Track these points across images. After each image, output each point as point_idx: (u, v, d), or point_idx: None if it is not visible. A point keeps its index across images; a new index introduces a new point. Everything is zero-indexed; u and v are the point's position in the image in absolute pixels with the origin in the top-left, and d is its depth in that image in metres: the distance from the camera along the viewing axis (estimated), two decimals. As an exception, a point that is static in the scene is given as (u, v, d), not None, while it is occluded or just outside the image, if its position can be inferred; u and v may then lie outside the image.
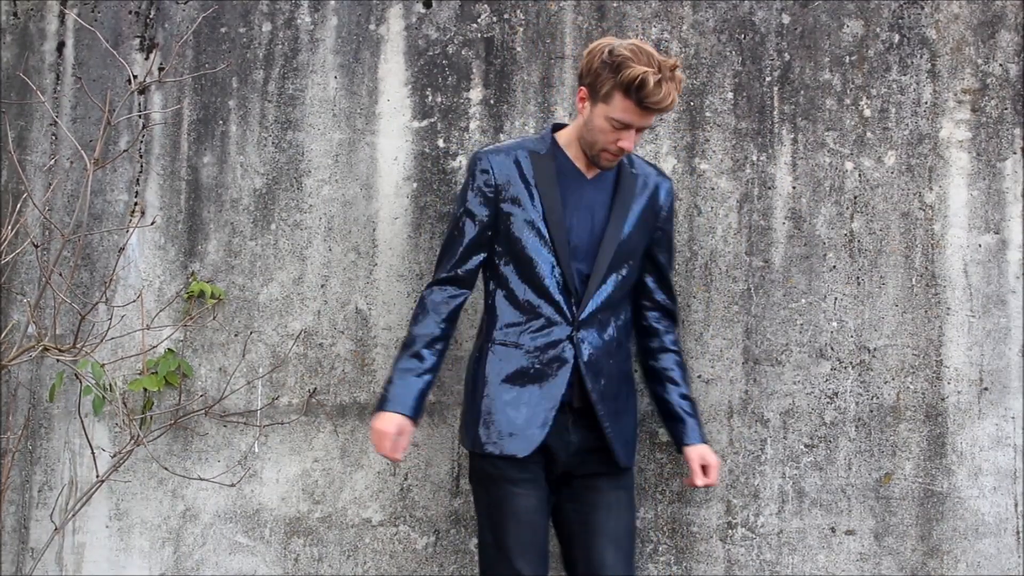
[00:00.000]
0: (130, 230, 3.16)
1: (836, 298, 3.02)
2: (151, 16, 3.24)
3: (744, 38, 3.09)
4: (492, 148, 2.73)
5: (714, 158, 3.07)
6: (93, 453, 3.08)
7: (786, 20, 3.09)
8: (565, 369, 2.65)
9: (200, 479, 3.11)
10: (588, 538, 2.66)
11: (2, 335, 3.08)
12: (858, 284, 3.02)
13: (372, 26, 3.17)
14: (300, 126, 3.17)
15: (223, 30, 3.21)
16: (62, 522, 3.08)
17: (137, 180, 3.21)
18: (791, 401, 3.01)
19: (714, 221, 3.05)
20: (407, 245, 3.11)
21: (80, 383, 3.09)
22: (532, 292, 2.67)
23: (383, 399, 2.66)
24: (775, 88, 3.07)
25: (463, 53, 3.14)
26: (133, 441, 3.04)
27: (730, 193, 3.06)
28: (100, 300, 3.10)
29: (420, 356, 2.67)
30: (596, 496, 2.68)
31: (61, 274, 3.10)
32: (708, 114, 3.08)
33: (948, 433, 2.99)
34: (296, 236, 3.15)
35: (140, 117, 3.21)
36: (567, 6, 3.13)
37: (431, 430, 3.07)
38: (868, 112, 3.06)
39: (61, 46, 3.26)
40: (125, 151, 3.18)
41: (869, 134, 3.05)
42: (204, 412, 3.11)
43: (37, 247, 3.04)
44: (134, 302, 3.14)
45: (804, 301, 3.03)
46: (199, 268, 3.17)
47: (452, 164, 3.12)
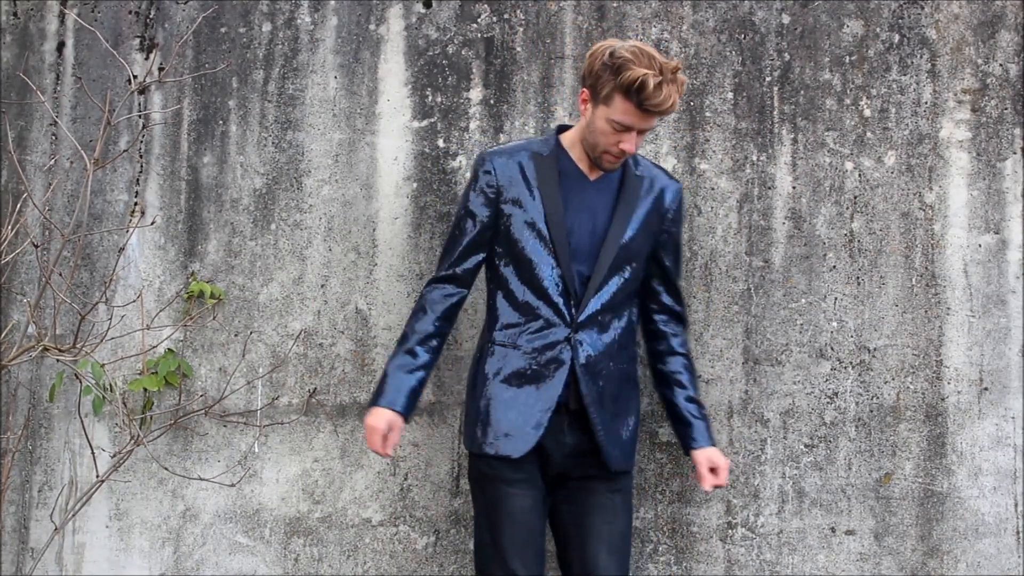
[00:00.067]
0: (130, 230, 3.16)
1: (836, 298, 3.02)
2: (151, 16, 3.24)
3: (744, 38, 3.09)
4: (496, 149, 2.74)
5: (714, 158, 3.06)
6: (93, 453, 3.08)
7: (786, 20, 3.09)
8: (562, 371, 2.65)
9: (200, 479, 3.11)
10: (582, 540, 2.66)
11: (2, 335, 3.08)
12: (858, 284, 3.02)
13: (372, 26, 3.17)
14: (300, 126, 3.17)
15: (223, 30, 3.21)
16: (62, 522, 3.08)
17: (137, 180, 3.21)
18: (791, 401, 3.01)
19: (714, 221, 3.05)
20: (407, 245, 3.11)
21: (80, 383, 3.09)
22: (531, 293, 2.67)
23: (375, 395, 2.68)
24: (775, 88, 3.07)
25: (463, 53, 3.14)
26: (133, 441, 3.04)
27: (730, 193, 3.06)
28: (100, 300, 3.10)
29: (414, 353, 2.68)
30: (591, 498, 2.68)
31: (61, 274, 3.10)
32: (708, 114, 3.08)
33: (948, 433, 2.98)
34: (296, 236, 3.14)
35: (140, 117, 3.21)
36: (567, 6, 3.13)
37: (431, 430, 3.07)
38: (868, 112, 3.06)
39: (61, 46, 3.26)
40: (125, 151, 3.18)
41: (869, 134, 3.05)
42: (204, 412, 3.11)
43: (37, 247, 3.03)
44: (134, 302, 3.14)
45: (804, 301, 3.03)
46: (199, 268, 3.17)
47: (452, 164, 3.12)
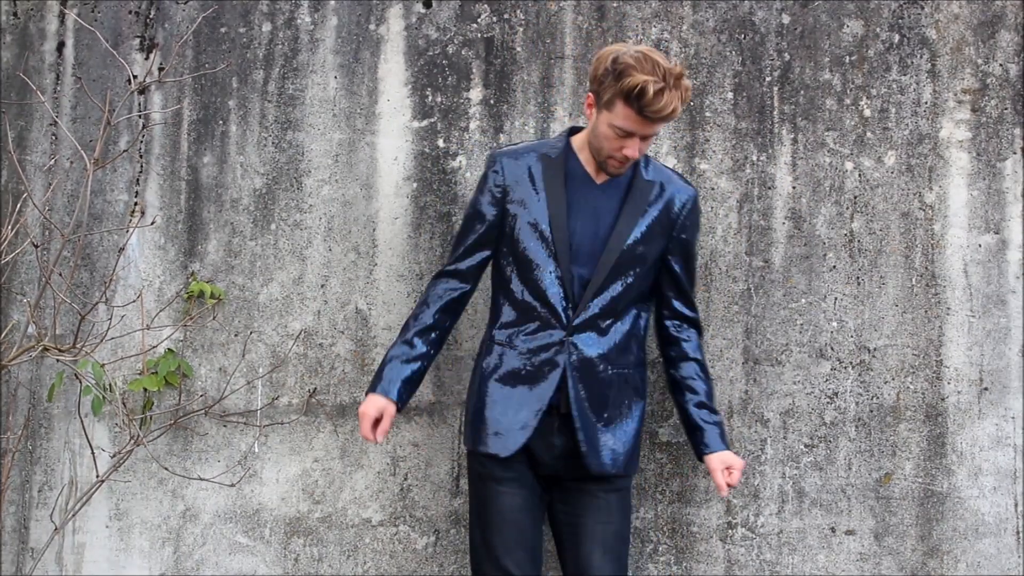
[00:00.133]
0: (130, 230, 3.16)
1: (836, 298, 3.02)
2: (151, 16, 3.24)
3: (744, 38, 3.09)
4: (506, 149, 2.75)
5: (714, 158, 3.06)
6: (93, 453, 3.08)
7: (786, 20, 3.08)
8: (555, 373, 2.65)
9: (200, 479, 3.11)
10: (577, 540, 2.67)
11: (2, 335, 3.08)
12: (858, 284, 3.02)
13: (372, 26, 3.17)
14: (300, 126, 3.17)
15: (223, 30, 3.21)
16: (62, 522, 3.08)
17: (137, 180, 3.21)
18: (791, 401, 3.01)
19: (714, 221, 3.05)
20: (407, 245, 3.11)
21: (80, 383, 3.09)
22: (530, 294, 2.67)
23: (371, 383, 2.71)
24: (775, 88, 3.07)
25: (463, 53, 3.14)
26: (133, 441, 3.04)
27: (730, 193, 3.06)
28: (100, 300, 3.10)
29: (411, 343, 2.71)
30: (586, 499, 2.68)
31: (61, 274, 3.10)
32: (708, 114, 3.08)
33: (948, 433, 2.98)
34: (296, 236, 3.14)
35: (140, 117, 3.20)
36: (567, 6, 3.13)
37: (431, 430, 3.07)
38: (868, 112, 3.06)
39: (61, 46, 3.26)
40: (125, 151, 3.18)
41: (869, 134, 3.05)
42: (204, 412, 3.11)
43: (37, 247, 3.03)
44: (134, 302, 3.14)
45: (804, 301, 3.03)
46: (199, 268, 3.17)
47: (452, 164, 3.12)
